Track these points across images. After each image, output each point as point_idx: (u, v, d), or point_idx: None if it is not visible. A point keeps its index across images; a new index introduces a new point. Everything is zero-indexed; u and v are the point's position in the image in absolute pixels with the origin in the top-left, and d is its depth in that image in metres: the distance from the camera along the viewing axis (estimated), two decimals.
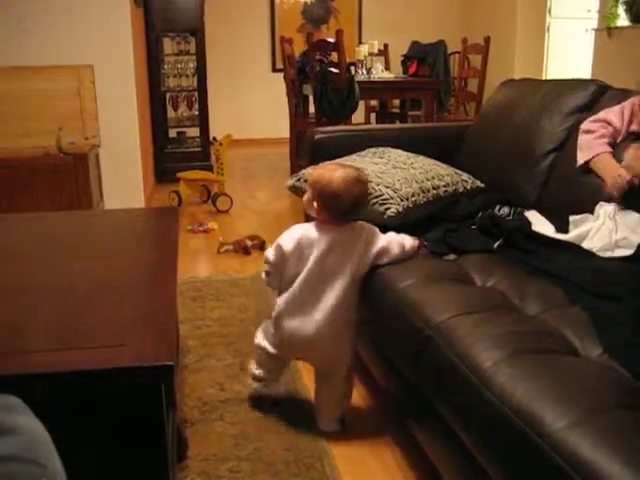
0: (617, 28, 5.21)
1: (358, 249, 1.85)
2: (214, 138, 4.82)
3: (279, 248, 1.86)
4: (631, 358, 1.28)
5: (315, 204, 1.85)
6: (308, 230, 1.86)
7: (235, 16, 7.38)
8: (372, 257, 1.86)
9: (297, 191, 2.41)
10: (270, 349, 1.96)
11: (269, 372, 2.03)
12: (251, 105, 7.54)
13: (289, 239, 1.85)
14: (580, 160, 2.05)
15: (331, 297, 1.82)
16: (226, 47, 7.24)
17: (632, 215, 1.83)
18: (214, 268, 3.40)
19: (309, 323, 1.84)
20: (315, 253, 1.82)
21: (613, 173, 1.93)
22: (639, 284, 1.58)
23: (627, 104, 2.02)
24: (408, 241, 1.92)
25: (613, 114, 2.04)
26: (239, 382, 2.20)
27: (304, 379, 2.22)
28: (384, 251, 1.87)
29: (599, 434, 1.04)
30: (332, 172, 1.83)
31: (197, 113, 5.76)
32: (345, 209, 1.83)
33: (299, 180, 2.39)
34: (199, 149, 5.72)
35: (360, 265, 1.85)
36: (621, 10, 5.21)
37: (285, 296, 1.87)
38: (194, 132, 5.86)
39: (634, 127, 1.98)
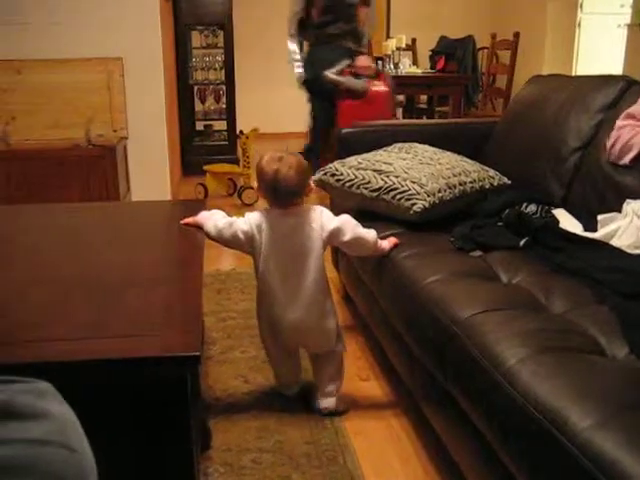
0: None
1: (312, 229, 1.88)
2: (241, 131, 4.83)
3: (250, 235, 1.89)
4: None
5: (260, 190, 1.92)
6: (262, 216, 1.90)
7: (264, 11, 7.38)
8: (326, 237, 1.90)
9: (323, 185, 2.41)
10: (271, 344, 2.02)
11: (285, 372, 2.09)
12: (278, 99, 7.54)
13: (248, 226, 1.89)
14: (628, 158, 2.00)
15: (307, 277, 1.88)
16: (254, 41, 7.26)
17: None
18: (239, 261, 3.42)
19: (298, 307, 1.89)
20: (276, 238, 1.87)
21: None
22: None
23: None
24: (373, 234, 1.96)
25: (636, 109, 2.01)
26: (262, 374, 2.21)
27: None
28: (338, 231, 1.90)
29: (624, 434, 1.04)
30: (268, 160, 1.87)
31: (224, 106, 5.78)
32: (275, 192, 1.86)
33: (326, 174, 2.39)
34: (226, 142, 5.75)
35: (317, 244, 1.89)
36: None
37: (263, 289, 1.93)
38: (221, 125, 5.89)
39: None
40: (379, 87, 4.18)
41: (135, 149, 4.21)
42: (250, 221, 1.89)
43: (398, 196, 2.15)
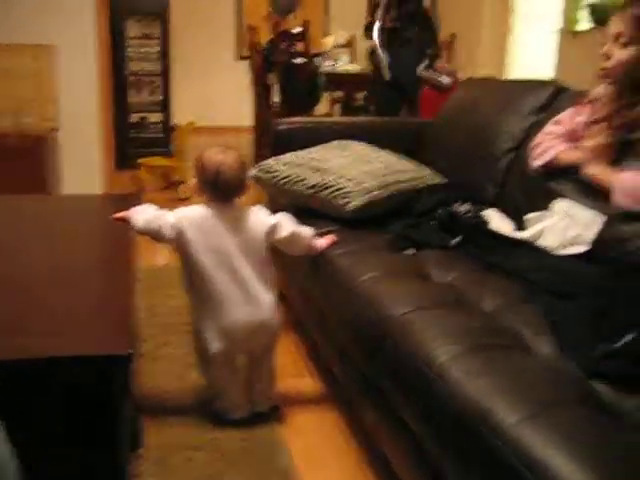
0: (580, 31, 5.28)
1: (254, 225, 1.87)
2: (176, 124, 4.77)
3: (178, 229, 1.82)
4: (582, 356, 1.31)
5: (197, 185, 1.87)
6: (198, 213, 1.84)
7: (201, 1, 7.30)
8: (265, 233, 1.87)
9: (259, 181, 2.40)
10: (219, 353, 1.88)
11: (235, 391, 1.95)
12: (215, 92, 7.47)
13: (187, 222, 1.82)
14: (539, 162, 2.07)
15: (255, 272, 1.84)
16: (191, 33, 7.16)
17: (586, 212, 1.86)
18: (173, 256, 3.37)
19: (252, 304, 1.84)
20: (217, 234, 1.82)
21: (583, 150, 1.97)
22: (591, 283, 1.62)
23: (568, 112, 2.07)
24: (310, 231, 1.97)
25: (564, 115, 2.08)
26: (196, 371, 2.19)
27: None
28: (276, 228, 1.89)
29: (550, 430, 1.07)
30: (209, 154, 1.84)
31: (160, 98, 5.69)
32: (217, 186, 1.82)
33: (262, 170, 2.38)
34: (161, 135, 5.66)
35: (259, 239, 1.87)
36: (585, 13, 5.29)
37: (207, 293, 1.83)
38: (156, 117, 5.79)
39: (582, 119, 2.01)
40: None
41: (66, 140, 4.10)
42: (179, 216, 1.84)
43: (334, 193, 2.16)
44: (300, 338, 2.49)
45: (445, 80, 4.55)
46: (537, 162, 2.08)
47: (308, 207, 2.26)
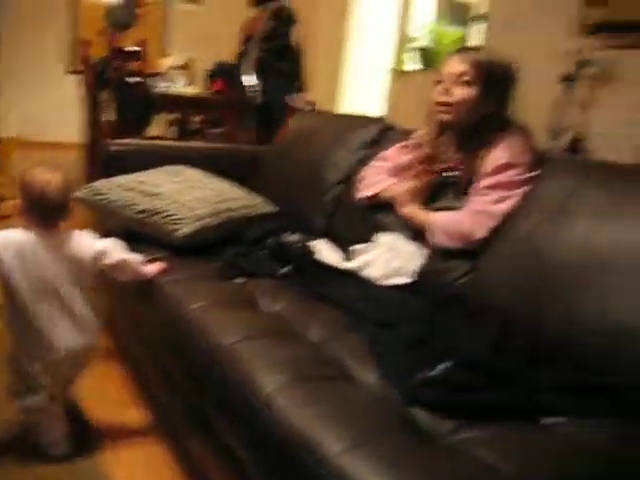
0: (407, 72, 5.61)
1: (79, 251, 1.78)
2: (0, 138, 4.49)
3: None
4: (403, 384, 1.37)
5: (20, 206, 1.73)
6: (20, 237, 1.71)
7: (32, 10, 6.95)
8: (91, 259, 1.80)
9: (88, 203, 2.31)
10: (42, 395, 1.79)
11: (59, 426, 1.85)
12: (43, 106, 7.10)
13: (4, 247, 1.68)
14: (365, 194, 2.17)
15: (79, 300, 1.77)
16: (20, 43, 6.79)
17: (409, 245, 1.97)
18: None
19: (77, 332, 1.76)
20: (39, 261, 1.71)
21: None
22: (413, 313, 1.71)
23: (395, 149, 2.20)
24: (138, 257, 1.94)
25: (390, 152, 2.19)
26: (8, 409, 2.00)
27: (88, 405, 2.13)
28: (103, 254, 1.82)
29: (373, 459, 1.11)
30: (34, 174, 1.73)
31: None
32: (42, 208, 1.71)
33: (90, 192, 2.30)
34: None
35: (84, 266, 1.79)
36: (413, 55, 5.64)
37: (29, 325, 1.72)
38: None
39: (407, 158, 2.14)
40: None
41: None
42: (6, 240, 1.69)
43: (164, 219, 2.12)
44: (126, 367, 2.41)
45: (307, 109, 4.98)
46: (363, 194, 2.18)
47: (138, 232, 2.21)
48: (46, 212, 1.73)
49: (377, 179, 2.15)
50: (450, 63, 1.91)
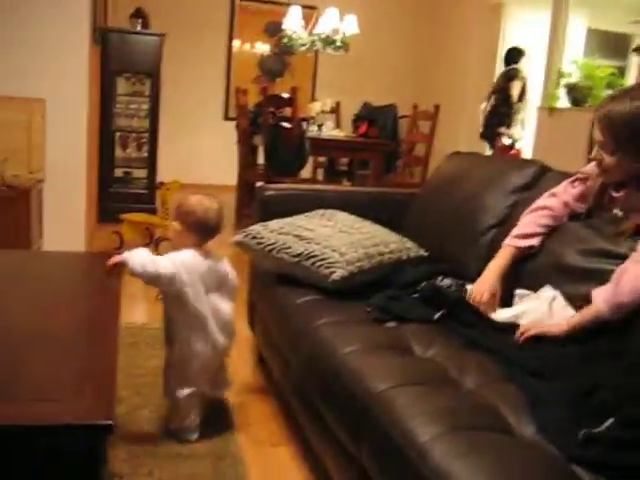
0: (558, 109, 5.45)
1: (223, 262, 2.18)
2: (162, 182, 4.79)
3: (174, 276, 1.99)
4: (563, 441, 1.32)
5: (180, 229, 2.09)
6: (190, 257, 2.05)
7: (192, 62, 7.44)
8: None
9: (243, 247, 2.42)
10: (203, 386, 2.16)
11: (193, 417, 2.17)
12: (201, 151, 7.56)
13: (183, 266, 2.01)
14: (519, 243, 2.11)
15: (229, 304, 2.17)
16: (181, 91, 7.28)
17: (567, 309, 1.87)
18: (151, 315, 3.35)
19: (226, 333, 2.14)
20: (203, 272, 2.06)
21: (478, 280, 2.06)
22: (569, 364, 1.63)
23: (563, 184, 2.11)
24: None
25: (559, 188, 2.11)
26: (171, 436, 2.16)
27: (240, 442, 2.20)
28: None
29: None
30: (194, 201, 2.10)
31: (146, 155, 5.73)
32: (204, 229, 2.09)
33: (247, 236, 2.40)
34: (145, 191, 5.68)
35: (230, 275, 2.18)
36: (562, 92, 5.46)
37: (197, 324, 2.07)
38: (141, 173, 5.82)
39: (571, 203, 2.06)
40: None
41: (51, 193, 4.10)
42: (175, 260, 2.01)
43: (318, 263, 2.17)
44: (278, 405, 2.47)
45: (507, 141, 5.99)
46: (517, 243, 2.09)
47: (292, 275, 2.27)
48: (204, 233, 2.10)
49: (534, 231, 2.07)
50: (594, 129, 1.86)
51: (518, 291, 1.99)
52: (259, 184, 3.29)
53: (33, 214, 3.80)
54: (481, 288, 2.02)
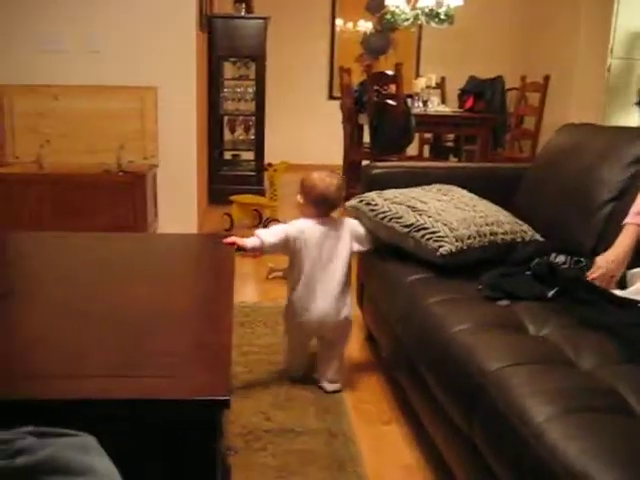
0: None
1: (343, 235, 2.32)
2: (269, 164, 4.87)
3: (287, 236, 2.26)
4: None
5: (302, 202, 2.33)
6: (307, 224, 2.29)
7: (295, 43, 7.49)
8: (354, 242, 2.35)
9: (357, 212, 2.46)
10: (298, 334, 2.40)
11: (298, 361, 2.45)
12: (306, 131, 7.62)
13: (295, 230, 2.27)
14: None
15: (336, 275, 2.29)
16: (285, 73, 7.35)
17: None
18: (263, 294, 3.43)
19: (326, 301, 2.27)
20: (315, 241, 2.26)
21: (608, 257, 1.94)
22: None
23: None
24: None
25: None
26: (284, 412, 2.21)
27: (352, 420, 2.22)
28: (361, 238, 2.38)
29: None
30: (317, 177, 2.31)
31: (253, 137, 5.84)
32: (323, 203, 2.29)
33: (361, 202, 2.45)
34: (253, 173, 5.80)
35: (345, 248, 2.31)
36: None
37: (301, 282, 2.28)
38: (249, 155, 5.95)
39: None
40: None
41: (165, 177, 4.26)
42: (297, 226, 2.28)
43: (427, 235, 2.15)
44: (388, 383, 2.48)
45: None
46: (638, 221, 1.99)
47: (401, 246, 2.27)
48: (325, 206, 2.30)
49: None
50: None
51: (631, 271, 1.90)
52: (365, 163, 3.28)
53: (149, 198, 3.97)
54: (615, 270, 1.93)
